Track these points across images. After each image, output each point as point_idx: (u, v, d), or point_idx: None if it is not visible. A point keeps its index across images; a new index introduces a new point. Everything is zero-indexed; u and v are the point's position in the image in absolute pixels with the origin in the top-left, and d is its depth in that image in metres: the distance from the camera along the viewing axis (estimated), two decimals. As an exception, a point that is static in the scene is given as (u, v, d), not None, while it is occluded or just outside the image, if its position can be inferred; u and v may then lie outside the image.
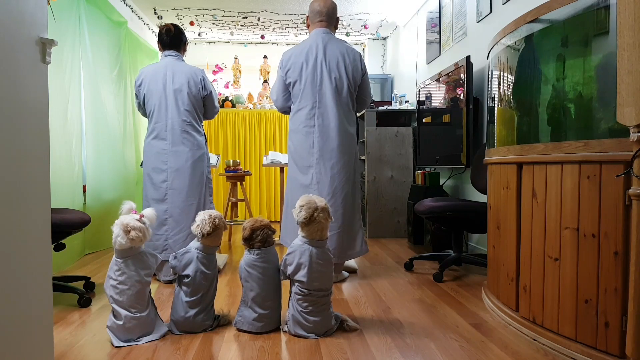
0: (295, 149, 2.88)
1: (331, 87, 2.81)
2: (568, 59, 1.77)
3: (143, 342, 1.86)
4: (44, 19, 1.37)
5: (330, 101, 2.80)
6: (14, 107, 1.22)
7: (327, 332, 1.95)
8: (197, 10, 5.21)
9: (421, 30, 5.02)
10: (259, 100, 6.07)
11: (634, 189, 1.40)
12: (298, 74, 2.84)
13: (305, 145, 2.83)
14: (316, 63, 2.83)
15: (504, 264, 2.16)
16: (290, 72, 2.86)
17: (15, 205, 1.22)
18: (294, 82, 2.86)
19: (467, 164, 3.39)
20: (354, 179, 2.88)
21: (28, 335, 1.28)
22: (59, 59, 3.30)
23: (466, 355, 1.74)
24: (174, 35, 2.97)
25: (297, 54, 2.87)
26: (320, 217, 1.97)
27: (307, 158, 2.82)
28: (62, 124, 3.34)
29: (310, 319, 1.92)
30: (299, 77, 2.84)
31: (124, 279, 1.84)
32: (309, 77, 2.82)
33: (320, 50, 2.84)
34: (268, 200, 5.96)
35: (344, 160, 2.82)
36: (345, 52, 2.88)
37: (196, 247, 2.03)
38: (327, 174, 2.80)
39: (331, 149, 2.80)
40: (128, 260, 1.87)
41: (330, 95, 2.80)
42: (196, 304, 1.97)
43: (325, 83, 2.81)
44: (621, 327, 1.50)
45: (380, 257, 3.60)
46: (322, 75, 2.82)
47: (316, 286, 1.93)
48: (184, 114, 2.87)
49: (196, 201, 2.90)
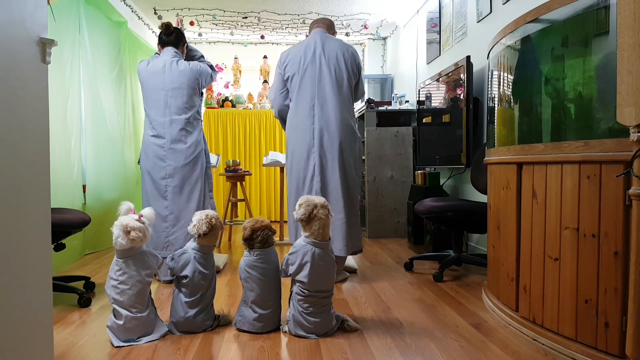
0: (294, 142, 2.87)
1: (331, 79, 2.81)
2: (568, 59, 1.77)
3: (143, 342, 1.86)
4: (44, 19, 1.37)
5: (330, 93, 2.80)
6: (14, 107, 1.22)
7: (328, 333, 1.95)
8: (197, 10, 5.21)
9: (421, 30, 5.02)
10: (259, 100, 6.07)
11: (634, 189, 1.41)
12: (297, 67, 2.83)
13: (306, 138, 2.82)
14: (314, 56, 2.83)
15: (504, 264, 2.16)
16: (289, 67, 2.86)
17: (15, 205, 1.22)
18: (292, 75, 2.85)
19: (467, 164, 3.39)
20: (354, 173, 2.87)
21: (28, 335, 1.28)
22: (58, 59, 3.30)
23: (466, 355, 1.74)
24: (172, 32, 2.99)
25: (296, 50, 2.88)
26: (320, 214, 1.97)
27: (307, 150, 2.81)
28: (61, 124, 3.34)
29: (311, 319, 1.92)
30: (297, 70, 2.83)
31: (125, 278, 1.84)
32: (308, 69, 2.82)
33: (318, 46, 2.85)
34: (268, 200, 5.96)
35: (346, 153, 2.81)
36: (343, 47, 2.90)
37: (193, 248, 2.02)
38: (327, 166, 2.79)
39: (332, 141, 2.79)
40: (129, 260, 1.87)
41: (330, 88, 2.80)
42: (196, 304, 1.97)
43: (325, 75, 2.81)
44: (621, 327, 1.50)
45: (380, 257, 3.60)
46: (321, 68, 2.82)
47: (317, 287, 1.93)
48: (182, 111, 2.88)
49: (196, 198, 2.90)
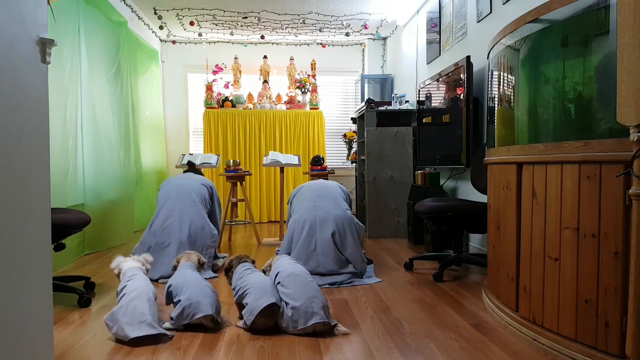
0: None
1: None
2: (568, 59, 1.77)
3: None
4: (44, 19, 1.37)
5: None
6: (14, 107, 1.22)
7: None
8: (197, 10, 5.20)
9: (421, 30, 5.02)
10: (259, 100, 6.07)
11: (634, 189, 1.40)
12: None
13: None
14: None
15: (504, 264, 2.16)
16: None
17: (15, 205, 1.22)
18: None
19: (467, 164, 3.39)
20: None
21: (28, 335, 1.28)
22: (57, 59, 3.30)
23: (466, 355, 1.74)
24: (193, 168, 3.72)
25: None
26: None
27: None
28: (61, 124, 3.34)
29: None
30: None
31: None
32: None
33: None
34: (268, 200, 5.96)
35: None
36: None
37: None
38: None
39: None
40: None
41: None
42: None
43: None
44: (621, 327, 1.50)
45: (380, 257, 3.60)
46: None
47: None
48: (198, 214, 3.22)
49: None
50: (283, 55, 6.55)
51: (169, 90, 6.46)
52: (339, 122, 6.75)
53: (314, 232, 2.93)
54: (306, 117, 6.01)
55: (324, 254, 2.85)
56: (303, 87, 6.06)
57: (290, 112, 5.99)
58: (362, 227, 3.08)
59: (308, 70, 6.31)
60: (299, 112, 6.00)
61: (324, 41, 6.53)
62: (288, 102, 6.11)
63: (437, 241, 3.65)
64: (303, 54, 6.57)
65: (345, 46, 6.71)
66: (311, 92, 6.09)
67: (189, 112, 6.53)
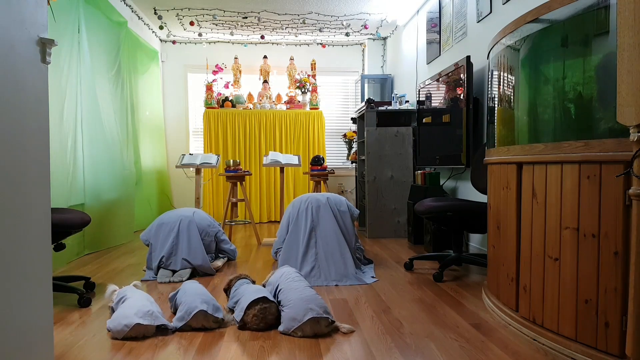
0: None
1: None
2: (568, 59, 1.77)
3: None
4: (44, 19, 1.37)
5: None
6: (14, 106, 1.22)
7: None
8: (197, 10, 5.21)
9: (421, 30, 5.02)
10: (259, 100, 6.07)
11: (634, 189, 1.40)
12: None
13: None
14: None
15: (504, 264, 2.16)
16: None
17: (15, 205, 1.22)
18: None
19: (467, 164, 3.39)
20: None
21: (28, 335, 1.28)
22: (57, 59, 3.31)
23: (466, 355, 1.74)
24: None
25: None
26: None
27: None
28: (59, 124, 3.34)
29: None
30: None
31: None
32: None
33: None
34: (268, 200, 5.96)
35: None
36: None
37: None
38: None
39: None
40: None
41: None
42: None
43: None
44: (621, 327, 1.50)
45: (380, 257, 3.60)
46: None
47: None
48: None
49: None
50: (283, 55, 6.55)
51: (169, 90, 6.46)
52: (339, 122, 6.75)
53: (310, 216, 3.12)
54: (306, 117, 6.01)
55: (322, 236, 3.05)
56: (303, 87, 6.06)
57: (290, 112, 5.99)
58: (357, 211, 3.31)
59: (308, 70, 6.31)
60: (299, 112, 6.00)
61: (324, 41, 6.53)
62: (288, 102, 6.12)
63: (437, 241, 3.65)
64: (303, 54, 6.57)
65: (345, 46, 6.71)
66: (311, 92, 6.09)
67: (189, 112, 6.53)
